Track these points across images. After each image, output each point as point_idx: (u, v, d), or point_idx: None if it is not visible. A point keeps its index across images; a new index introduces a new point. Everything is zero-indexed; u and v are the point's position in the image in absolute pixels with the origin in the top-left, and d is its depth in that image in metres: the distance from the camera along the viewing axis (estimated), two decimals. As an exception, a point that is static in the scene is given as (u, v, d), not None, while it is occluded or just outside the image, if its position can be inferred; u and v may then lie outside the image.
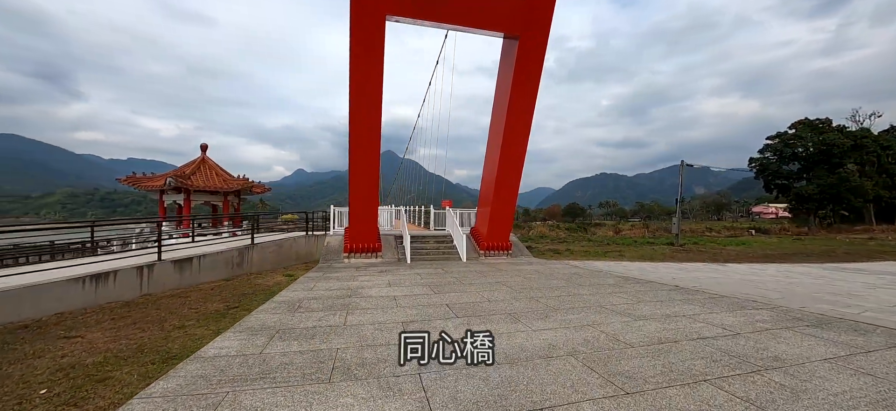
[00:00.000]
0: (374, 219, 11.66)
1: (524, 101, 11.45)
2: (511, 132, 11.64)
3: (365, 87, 10.33)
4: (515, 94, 11.23)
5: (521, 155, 12.10)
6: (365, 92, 10.33)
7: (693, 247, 22.03)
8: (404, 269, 9.90)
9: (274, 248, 11.54)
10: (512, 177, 12.28)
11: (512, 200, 12.71)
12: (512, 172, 12.20)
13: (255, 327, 4.74)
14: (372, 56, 10.25)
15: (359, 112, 10.43)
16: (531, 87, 11.37)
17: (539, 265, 10.97)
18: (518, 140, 11.88)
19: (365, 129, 10.61)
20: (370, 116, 10.46)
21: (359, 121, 10.49)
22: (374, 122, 10.56)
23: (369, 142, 10.78)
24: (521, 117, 11.61)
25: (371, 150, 10.90)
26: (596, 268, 10.32)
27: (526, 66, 11.08)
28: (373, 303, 6.06)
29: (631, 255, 16.79)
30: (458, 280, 8.22)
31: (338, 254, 11.86)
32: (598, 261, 13.13)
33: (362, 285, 7.62)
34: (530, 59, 11.06)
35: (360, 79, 10.25)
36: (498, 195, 12.33)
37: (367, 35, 10.10)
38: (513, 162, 12.08)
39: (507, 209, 12.75)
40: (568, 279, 8.35)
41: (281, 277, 9.25)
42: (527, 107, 11.56)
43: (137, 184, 16.73)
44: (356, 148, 10.72)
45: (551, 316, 5.21)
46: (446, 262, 11.57)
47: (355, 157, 10.81)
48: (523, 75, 11.15)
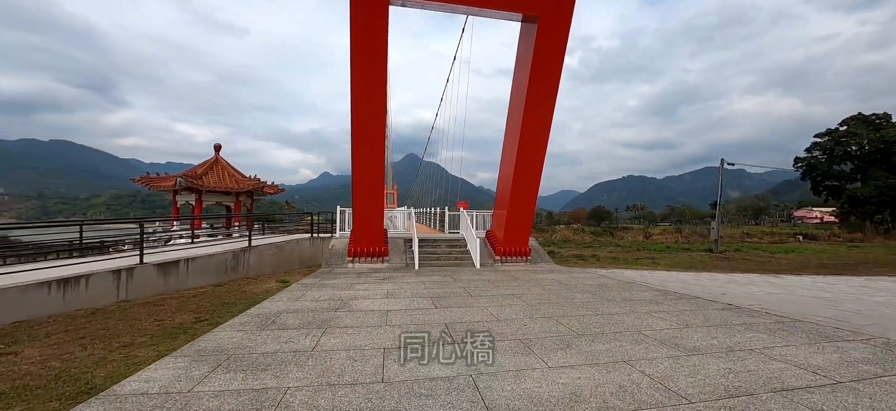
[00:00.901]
0: (379, 221, 10.80)
1: (544, 90, 10.29)
2: (530, 126, 10.51)
3: (367, 78, 9.48)
4: (534, 82, 10.10)
5: (540, 151, 10.94)
6: (367, 84, 9.49)
7: (735, 255, 19.99)
8: (409, 277, 8.96)
9: (273, 251, 10.87)
10: (531, 176, 11.12)
11: (531, 201, 11.55)
12: (531, 170, 11.06)
13: (207, 350, 3.90)
14: (374, 45, 9.39)
15: (361, 105, 9.59)
16: (552, 74, 10.21)
17: (561, 274, 9.77)
18: (537, 134, 10.72)
19: (367, 124, 9.76)
20: (373, 110, 9.61)
21: (361, 114, 9.66)
22: (377, 116, 9.71)
23: (373, 138, 9.93)
24: (541, 109, 10.46)
25: (374, 146, 10.05)
26: (627, 279, 9.04)
27: (546, 51, 9.93)
28: (359, 319, 5.13)
29: (665, 263, 15.19)
30: (467, 291, 7.19)
31: (342, 258, 11.08)
32: (630, 270, 11.74)
33: (356, 295, 6.72)
34: (551, 42, 9.89)
35: (361, 70, 9.42)
36: (515, 196, 11.21)
37: (368, 23, 9.24)
38: (532, 159, 10.93)
39: (526, 211, 11.60)
40: (594, 292, 7.15)
41: (273, 283, 8.50)
42: (547, 98, 10.40)
43: (151, 184, 16.66)
44: (359, 143, 9.90)
45: (574, 345, 4.10)
46: (457, 269, 10.55)
47: (358, 154, 9.99)
48: (543, 61, 10.01)
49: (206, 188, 16.70)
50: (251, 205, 19.50)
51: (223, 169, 17.98)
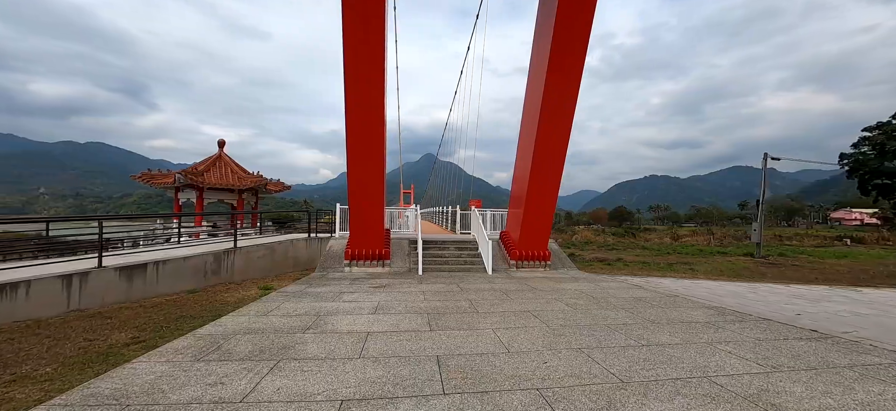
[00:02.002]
0: (379, 221, 9.67)
1: (568, 67, 8.90)
2: (551, 111, 9.16)
3: (361, 51, 8.26)
4: (556, 59, 8.73)
5: (562, 141, 9.57)
6: (362, 59, 8.28)
7: (780, 260, 17.91)
8: (409, 284, 7.78)
9: (263, 253, 9.87)
10: (551, 170, 9.76)
11: (550, 199, 10.17)
12: (551, 163, 9.70)
13: (103, 393, 2.81)
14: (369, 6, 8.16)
15: (356, 85, 8.44)
16: (577, 48, 8.80)
17: (586, 283, 8.39)
18: (559, 121, 9.35)
19: (363, 108, 8.60)
20: (369, 91, 8.45)
21: (356, 97, 8.51)
22: (374, 100, 8.55)
23: (369, 126, 8.79)
24: (564, 91, 9.08)
25: (372, 137, 8.90)
26: (667, 290, 7.61)
27: (570, 19, 8.52)
28: (328, 346, 3.97)
29: (705, 270, 13.47)
30: (473, 305, 5.95)
31: (339, 261, 10.01)
32: (667, 279, 10.19)
33: (339, 309, 5.58)
34: (576, 6, 8.47)
35: (355, 42, 8.25)
36: (533, 192, 9.87)
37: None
38: (552, 150, 9.57)
39: (545, 210, 10.24)
40: (632, 309, 5.78)
41: (254, 291, 7.47)
42: (570, 78, 9.00)
43: (151, 181, 16.13)
44: (354, 132, 8.77)
45: (620, 404, 2.80)
46: (467, 275, 9.31)
47: (354, 144, 8.86)
48: (567, 32, 8.60)
49: (206, 185, 16.02)
50: (256, 202, 18.80)
51: (226, 165, 17.30)
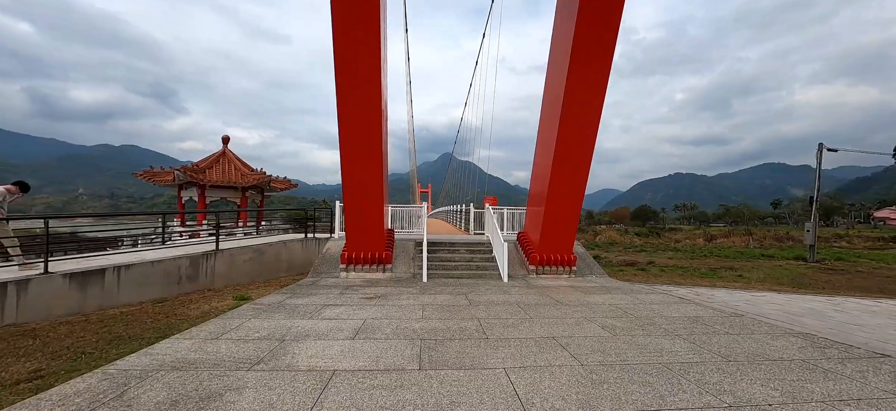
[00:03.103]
0: (378, 221, 8.54)
1: (598, 33, 7.52)
2: (578, 90, 7.78)
3: (354, 20, 7.15)
4: (585, 20, 7.35)
5: (592, 124, 8.16)
6: (355, 29, 7.17)
7: (840, 265, 15.84)
8: (409, 295, 6.60)
9: (250, 256, 8.89)
10: (577, 160, 8.39)
11: (576, 194, 8.78)
12: (578, 151, 8.31)
13: None
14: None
15: (347, 64, 7.33)
16: (611, 8, 7.42)
17: (621, 294, 7.00)
18: (588, 102, 7.96)
19: (357, 94, 7.48)
20: (366, 68, 7.31)
21: (347, 74, 7.40)
22: (370, 84, 7.40)
23: (366, 115, 7.65)
24: (593, 62, 7.69)
25: (369, 126, 7.76)
26: (726, 306, 6.16)
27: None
28: (269, 397, 2.82)
29: (757, 277, 11.77)
30: (482, 327, 4.70)
31: (335, 265, 8.95)
32: (716, 290, 8.64)
33: (310, 331, 4.44)
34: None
35: (344, 17, 7.14)
36: (556, 187, 8.52)
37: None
38: (579, 137, 8.19)
39: (569, 207, 8.87)
40: (691, 336, 4.40)
41: (227, 301, 6.43)
42: (603, 45, 7.61)
43: (152, 179, 15.59)
44: (348, 121, 7.66)
45: None
46: (478, 282, 8.06)
47: (348, 135, 7.76)
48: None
49: (208, 182, 15.33)
50: (261, 200, 18.07)
51: (230, 162, 16.60)
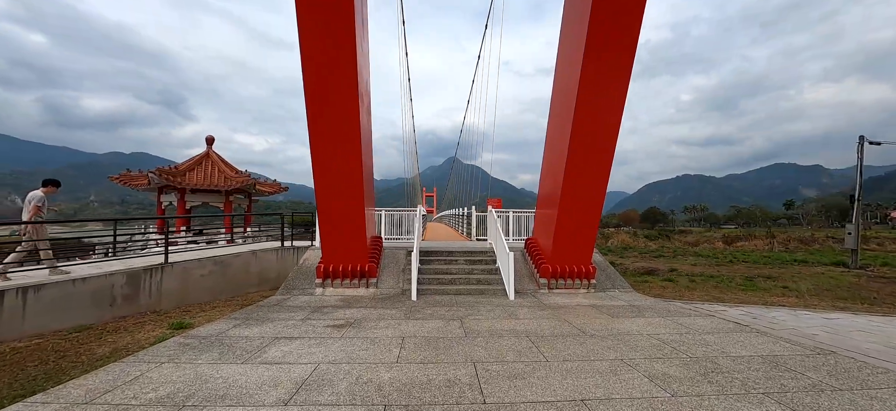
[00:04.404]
0: (359, 227, 7.16)
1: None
2: (598, 60, 6.38)
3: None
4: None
5: (615, 105, 6.72)
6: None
7: (888, 271, 14.17)
8: (391, 320, 5.22)
9: (210, 269, 7.53)
10: (597, 150, 6.93)
11: (596, 192, 7.27)
12: (599, 139, 6.86)
13: None
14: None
15: (314, 26, 6.00)
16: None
17: (658, 317, 5.56)
18: (610, 74, 6.55)
19: (328, 64, 6.13)
20: (337, 34, 5.97)
21: (315, 42, 6.07)
22: (343, 48, 6.05)
23: (340, 89, 6.30)
24: (622, 20, 6.29)
25: (345, 105, 6.39)
26: (801, 336, 4.72)
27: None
28: None
29: (807, 289, 10.20)
30: (479, 379, 3.29)
31: (312, 278, 7.61)
32: (774, 310, 7.10)
33: (231, 389, 3.06)
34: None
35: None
36: (572, 183, 7.08)
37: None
38: (600, 121, 6.76)
39: (588, 207, 7.37)
40: (781, 393, 2.94)
41: (158, 331, 5.07)
42: (631, 5, 6.22)
43: (128, 182, 14.43)
44: (317, 97, 6.32)
45: None
46: (479, 299, 6.65)
47: (317, 116, 6.42)
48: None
49: (188, 186, 14.11)
50: (249, 205, 16.83)
51: (213, 164, 15.38)
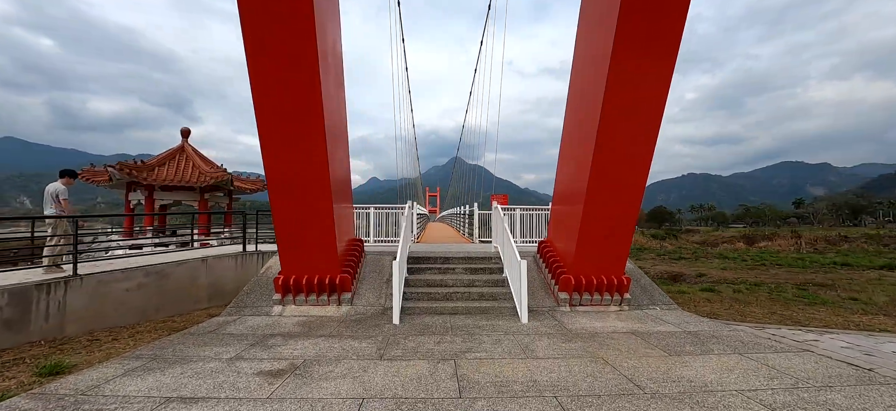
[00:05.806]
0: (327, 229, 5.59)
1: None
2: (640, 17, 4.79)
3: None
4: None
5: (663, 73, 5.12)
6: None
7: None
8: (356, 362, 3.66)
9: (140, 282, 5.94)
10: (638, 130, 5.33)
11: (635, 185, 5.67)
12: (641, 115, 5.27)
13: None
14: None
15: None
16: None
17: (736, 356, 3.97)
18: (656, 31, 4.96)
19: (274, 17, 4.60)
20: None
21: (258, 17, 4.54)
22: (299, 5, 4.51)
23: (293, 53, 4.76)
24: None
25: (301, 73, 4.84)
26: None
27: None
28: None
29: (881, 301, 8.56)
30: None
31: (271, 292, 6.06)
32: (882, 337, 5.43)
33: None
34: None
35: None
36: (602, 174, 5.47)
37: None
38: (641, 94, 5.17)
39: (623, 202, 5.74)
40: None
41: (10, 382, 3.57)
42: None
43: (91, 179, 13.00)
44: (261, 65, 4.80)
45: None
46: (481, 323, 5.08)
47: (262, 89, 4.90)
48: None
49: (156, 182, 12.64)
50: (229, 203, 15.35)
51: (188, 159, 13.91)
